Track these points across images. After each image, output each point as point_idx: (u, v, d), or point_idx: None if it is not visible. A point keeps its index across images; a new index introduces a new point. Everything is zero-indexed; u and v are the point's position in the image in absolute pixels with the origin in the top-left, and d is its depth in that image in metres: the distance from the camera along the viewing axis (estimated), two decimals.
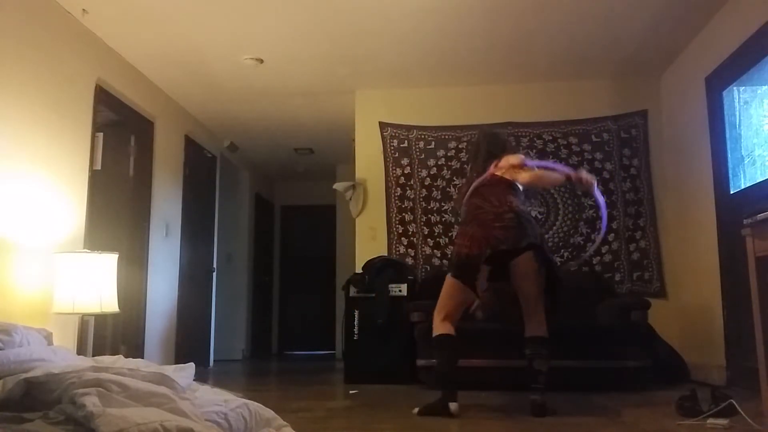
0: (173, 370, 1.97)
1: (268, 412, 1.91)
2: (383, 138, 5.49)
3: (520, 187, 3.42)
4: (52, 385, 1.58)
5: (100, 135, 4.37)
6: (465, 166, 5.32)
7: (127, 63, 4.75)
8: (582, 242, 5.12)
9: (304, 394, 4.16)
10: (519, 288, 3.30)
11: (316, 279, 8.52)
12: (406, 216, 5.35)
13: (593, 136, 5.26)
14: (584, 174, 3.28)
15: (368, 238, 5.37)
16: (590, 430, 2.71)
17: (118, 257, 3.51)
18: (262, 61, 4.83)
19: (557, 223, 5.19)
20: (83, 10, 3.91)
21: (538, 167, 3.49)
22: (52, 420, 1.47)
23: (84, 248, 3.81)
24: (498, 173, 3.38)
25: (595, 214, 5.14)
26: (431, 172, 5.36)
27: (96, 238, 4.09)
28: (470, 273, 3.19)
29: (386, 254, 5.22)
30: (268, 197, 8.73)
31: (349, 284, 4.78)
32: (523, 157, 3.48)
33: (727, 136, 4.09)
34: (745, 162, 3.96)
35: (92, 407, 1.40)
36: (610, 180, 5.18)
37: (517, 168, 3.38)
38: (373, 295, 4.65)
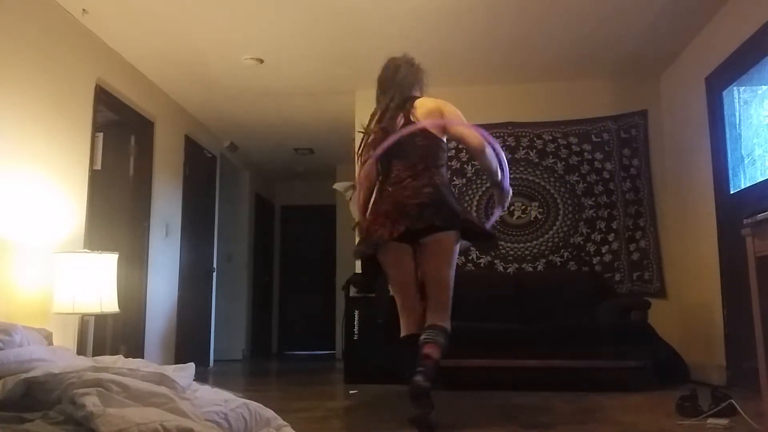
0: (173, 370, 1.96)
1: (268, 412, 1.91)
2: None
3: (445, 144, 2.94)
4: (52, 385, 1.58)
5: (100, 135, 4.37)
6: (465, 166, 5.32)
7: (127, 63, 4.75)
8: (582, 242, 5.13)
9: (304, 394, 4.16)
10: (426, 270, 2.89)
11: (316, 279, 8.52)
12: None
13: (593, 136, 5.26)
14: (508, 199, 3.00)
15: None
16: (590, 430, 2.71)
17: (118, 257, 3.51)
18: (262, 61, 4.83)
19: (557, 223, 5.18)
20: (83, 10, 3.91)
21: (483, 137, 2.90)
22: (52, 420, 1.47)
23: (84, 248, 3.81)
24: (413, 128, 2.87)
25: (595, 214, 5.14)
26: None
27: (96, 238, 4.09)
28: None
29: None
30: (268, 197, 8.73)
31: (349, 284, 4.78)
32: (450, 112, 2.93)
33: (727, 136, 4.09)
34: (745, 162, 3.96)
35: (92, 407, 1.40)
36: (610, 180, 5.18)
37: (441, 119, 2.88)
38: (373, 295, 4.65)
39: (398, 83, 3.10)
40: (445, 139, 3.00)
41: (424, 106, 3.01)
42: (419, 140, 2.92)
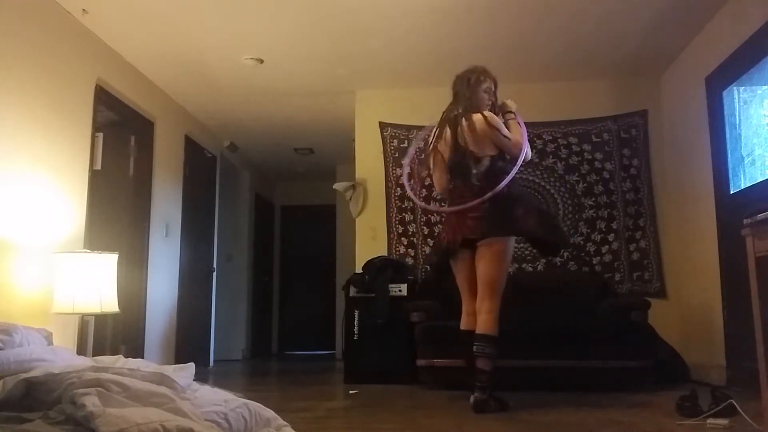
0: (173, 370, 1.96)
1: (268, 412, 1.91)
2: (383, 138, 5.49)
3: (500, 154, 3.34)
4: (52, 385, 1.58)
5: (100, 135, 4.37)
6: None
7: (127, 63, 4.75)
8: (582, 242, 5.12)
9: (304, 394, 4.16)
10: (477, 270, 3.31)
11: (316, 279, 8.52)
12: (406, 216, 5.35)
13: (593, 136, 5.26)
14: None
15: (368, 238, 5.37)
16: (590, 430, 2.71)
17: (118, 257, 3.51)
18: (262, 61, 4.83)
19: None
20: (83, 10, 3.91)
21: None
22: (52, 420, 1.47)
23: (84, 248, 3.81)
24: (464, 142, 3.31)
25: (595, 214, 5.15)
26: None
27: (96, 238, 4.09)
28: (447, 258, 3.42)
29: (386, 254, 5.22)
30: (268, 197, 8.73)
31: (349, 284, 4.78)
32: (492, 118, 3.32)
33: (727, 136, 4.09)
34: (745, 162, 3.96)
35: (92, 407, 1.40)
36: (610, 180, 5.18)
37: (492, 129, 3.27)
38: (373, 295, 4.65)
39: None
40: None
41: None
42: None
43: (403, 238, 5.33)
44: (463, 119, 3.33)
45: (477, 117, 3.30)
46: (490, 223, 3.24)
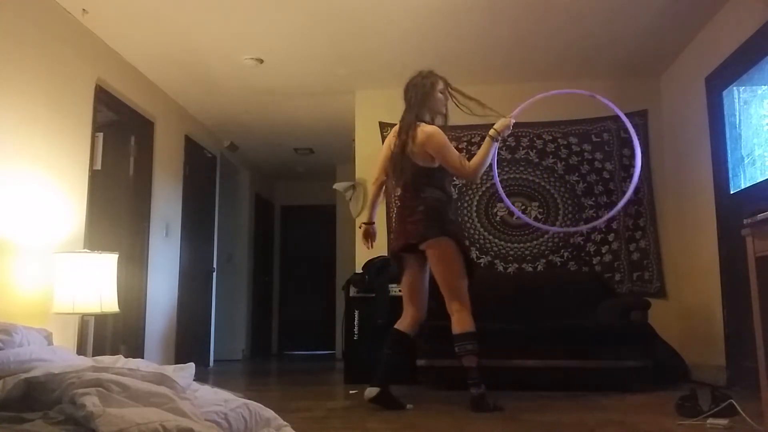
0: (173, 370, 1.96)
1: (268, 412, 1.91)
2: (383, 138, 5.48)
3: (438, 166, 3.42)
4: (52, 385, 1.58)
5: (100, 135, 4.37)
6: None
7: (127, 63, 4.75)
8: (582, 242, 5.12)
9: (304, 394, 4.16)
10: (435, 277, 3.40)
11: (316, 279, 8.52)
12: None
13: (593, 136, 5.26)
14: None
15: None
16: (590, 430, 2.71)
17: (118, 257, 3.51)
18: (262, 61, 4.83)
19: (557, 223, 5.18)
20: (83, 10, 3.92)
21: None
22: (52, 420, 1.47)
23: (84, 248, 3.81)
24: (407, 150, 3.37)
25: (595, 214, 5.14)
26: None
27: (96, 238, 4.09)
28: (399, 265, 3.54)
29: (386, 254, 5.21)
30: (268, 197, 8.73)
31: (349, 284, 4.78)
32: (436, 134, 3.38)
33: (727, 136, 4.09)
34: (745, 162, 3.96)
35: (92, 407, 1.40)
36: (610, 180, 5.18)
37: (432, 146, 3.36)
38: (373, 295, 4.65)
39: None
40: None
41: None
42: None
43: None
44: (416, 127, 3.39)
45: (429, 131, 3.39)
46: (426, 225, 3.34)
